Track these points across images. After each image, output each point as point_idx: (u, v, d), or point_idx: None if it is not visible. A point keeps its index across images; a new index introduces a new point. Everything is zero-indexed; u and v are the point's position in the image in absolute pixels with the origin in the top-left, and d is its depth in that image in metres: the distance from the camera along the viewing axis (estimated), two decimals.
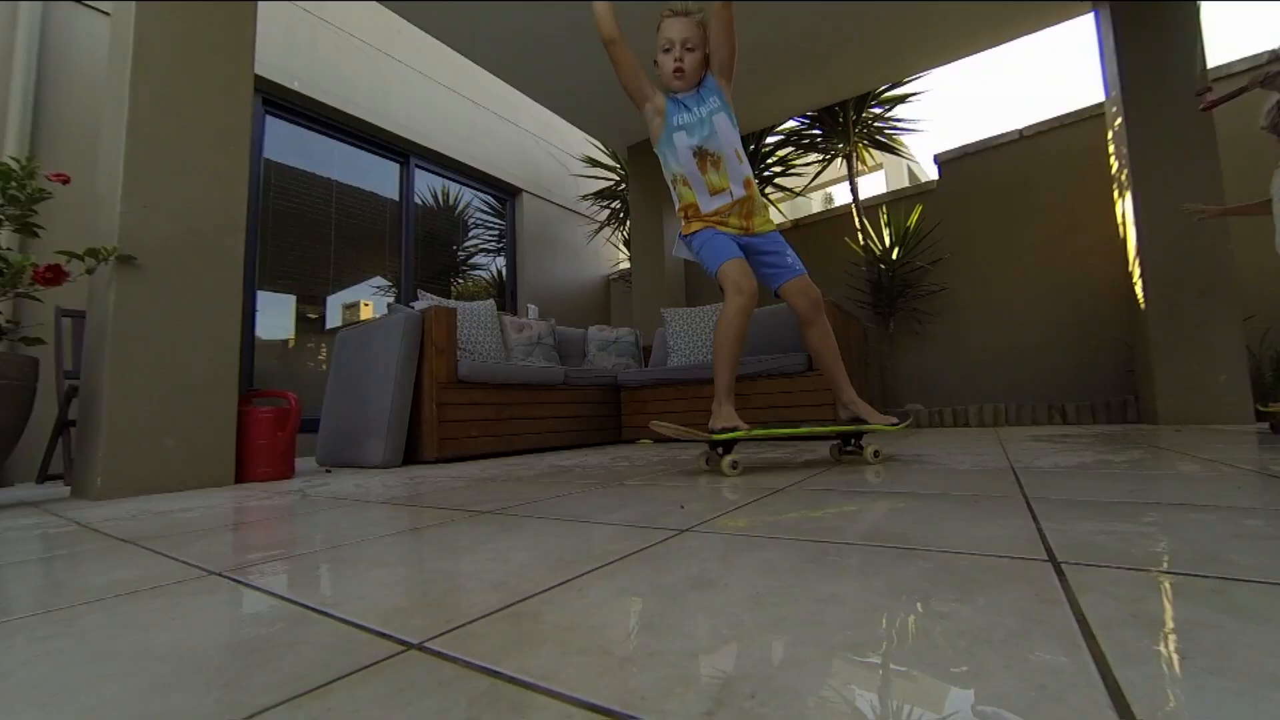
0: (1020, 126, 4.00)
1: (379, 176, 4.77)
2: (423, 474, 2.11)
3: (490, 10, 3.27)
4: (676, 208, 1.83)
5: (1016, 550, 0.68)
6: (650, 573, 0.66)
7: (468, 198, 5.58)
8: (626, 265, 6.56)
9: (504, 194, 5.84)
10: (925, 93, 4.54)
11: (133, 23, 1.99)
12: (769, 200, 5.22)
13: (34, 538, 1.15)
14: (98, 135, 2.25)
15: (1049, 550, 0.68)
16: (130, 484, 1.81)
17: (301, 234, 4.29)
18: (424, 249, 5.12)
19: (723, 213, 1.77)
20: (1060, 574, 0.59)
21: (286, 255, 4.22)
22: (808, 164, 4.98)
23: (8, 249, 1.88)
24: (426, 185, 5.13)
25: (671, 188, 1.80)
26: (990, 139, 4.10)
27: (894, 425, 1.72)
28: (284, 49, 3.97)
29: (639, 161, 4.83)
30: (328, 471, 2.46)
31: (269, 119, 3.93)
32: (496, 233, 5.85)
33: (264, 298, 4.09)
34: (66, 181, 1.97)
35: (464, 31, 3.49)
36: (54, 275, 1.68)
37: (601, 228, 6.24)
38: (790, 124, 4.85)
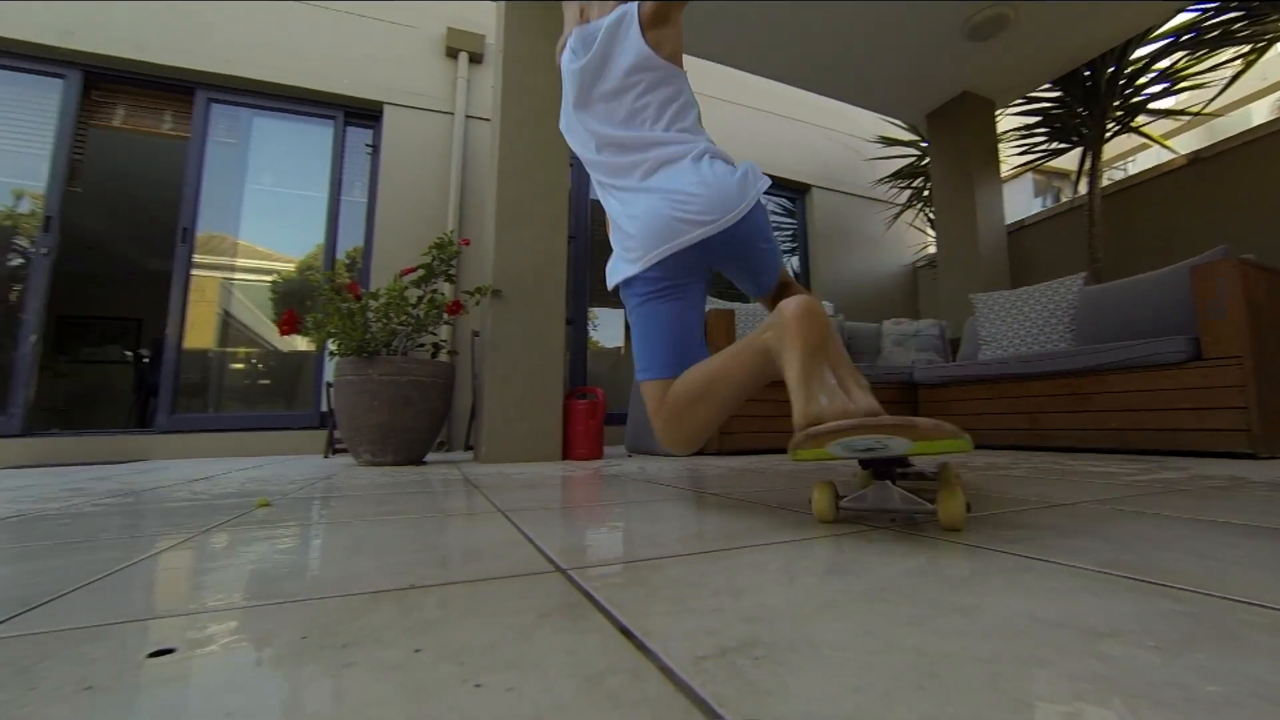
0: None
1: None
2: (699, 463, 2.33)
3: (762, 21, 3.37)
4: (702, 145, 1.17)
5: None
6: (799, 555, 0.65)
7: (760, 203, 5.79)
8: (934, 249, 5.78)
9: (794, 193, 5.85)
10: None
11: (499, 121, 2.79)
12: (1142, 134, 3.90)
13: (438, 480, 1.75)
14: (484, 205, 3.20)
15: None
16: (499, 454, 2.53)
17: None
18: None
19: None
20: None
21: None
22: (1214, 68, 3.54)
23: (440, 293, 2.85)
24: None
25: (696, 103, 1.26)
26: None
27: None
28: None
29: (940, 129, 4.23)
30: (629, 456, 2.93)
31: None
32: (790, 233, 5.90)
33: (600, 313, 5.07)
34: (467, 243, 2.88)
35: (742, 50, 3.68)
36: (455, 307, 2.50)
37: (902, 211, 5.65)
38: (1179, 19, 3.54)
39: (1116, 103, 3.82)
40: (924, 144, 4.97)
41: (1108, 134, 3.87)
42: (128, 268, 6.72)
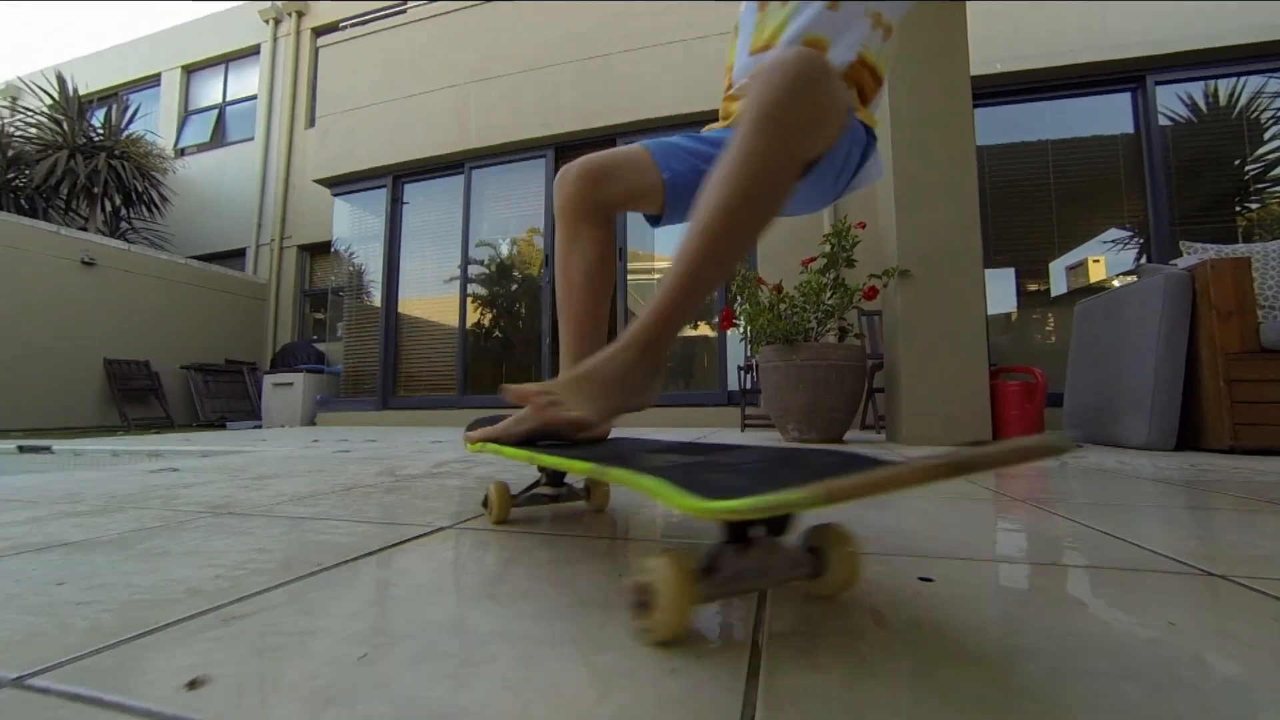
0: None
1: (1101, 116, 4.23)
2: (1209, 462, 1.83)
3: None
4: None
5: None
6: None
7: (1252, 87, 4.06)
8: None
9: None
10: None
11: (885, 97, 2.70)
12: None
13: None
14: (874, 187, 3.14)
15: None
16: (919, 437, 2.49)
17: (1018, 208, 4.38)
18: (1177, 181, 4.13)
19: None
20: None
21: (1004, 232, 4.42)
22: None
23: (844, 280, 2.95)
24: (1174, 98, 4.12)
25: None
26: None
27: None
28: (982, 42, 4.15)
29: None
30: (1079, 446, 2.49)
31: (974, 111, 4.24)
32: None
33: (986, 275, 4.45)
34: (863, 226, 2.90)
35: None
36: (871, 293, 2.56)
37: None
38: None
39: None
40: None
41: None
42: None
